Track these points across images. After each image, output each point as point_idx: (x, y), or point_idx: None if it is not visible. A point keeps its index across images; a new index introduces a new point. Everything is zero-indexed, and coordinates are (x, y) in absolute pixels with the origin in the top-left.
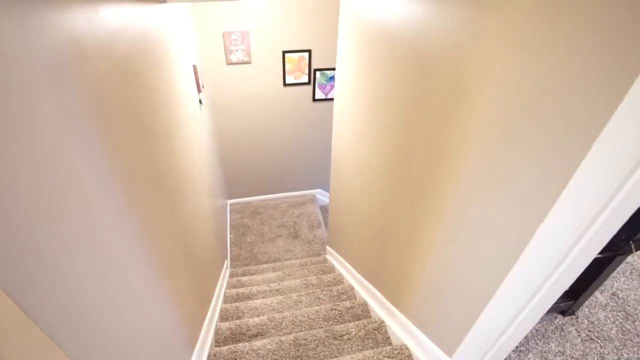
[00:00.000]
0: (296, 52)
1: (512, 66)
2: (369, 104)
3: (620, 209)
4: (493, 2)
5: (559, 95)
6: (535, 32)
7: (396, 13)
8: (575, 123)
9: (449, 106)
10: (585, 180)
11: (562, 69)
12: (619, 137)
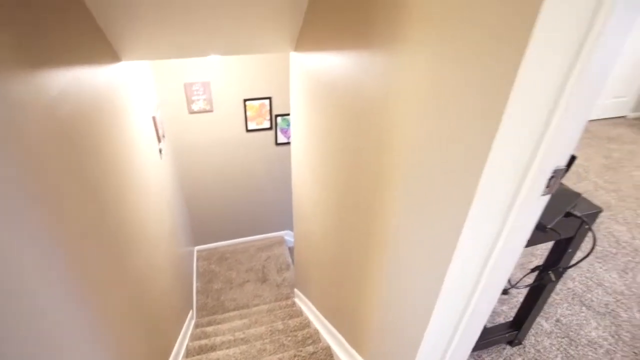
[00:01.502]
0: (257, 100)
1: (421, 108)
2: (319, 147)
3: (503, 255)
4: (403, 57)
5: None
6: (435, 79)
7: (331, 67)
8: (461, 164)
9: (379, 147)
10: (477, 223)
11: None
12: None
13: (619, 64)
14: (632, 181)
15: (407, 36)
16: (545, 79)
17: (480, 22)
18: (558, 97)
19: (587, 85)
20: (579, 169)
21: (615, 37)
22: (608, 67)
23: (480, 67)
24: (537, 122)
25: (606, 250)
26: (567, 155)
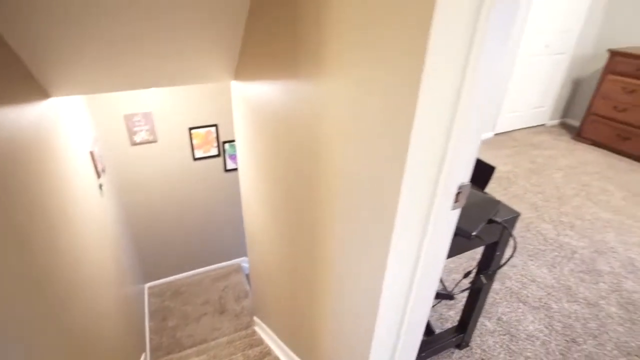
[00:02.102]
0: (203, 128)
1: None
2: (264, 172)
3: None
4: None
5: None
6: (354, 109)
7: (268, 95)
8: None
9: (315, 170)
10: (401, 237)
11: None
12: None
13: (537, 77)
14: (553, 183)
15: (329, 70)
16: (438, 111)
17: (383, 63)
18: (450, 127)
19: (473, 115)
20: (509, 175)
21: (486, 79)
22: (485, 100)
23: (389, 101)
24: (437, 147)
25: (536, 248)
26: (468, 173)
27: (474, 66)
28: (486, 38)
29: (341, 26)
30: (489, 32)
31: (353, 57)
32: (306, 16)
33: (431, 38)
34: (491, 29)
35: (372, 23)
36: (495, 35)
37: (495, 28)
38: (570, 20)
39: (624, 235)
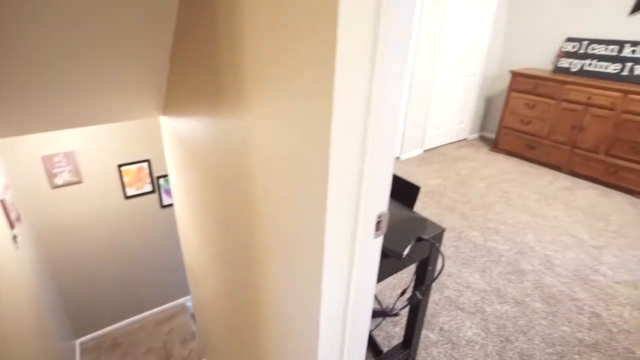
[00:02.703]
0: (133, 164)
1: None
2: (198, 206)
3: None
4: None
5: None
6: (276, 138)
7: (197, 129)
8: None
9: (246, 203)
10: (332, 266)
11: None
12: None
13: (454, 97)
14: (478, 192)
15: (250, 106)
16: (350, 147)
17: (296, 100)
18: (362, 162)
19: (381, 149)
20: (439, 188)
21: (388, 114)
22: (391, 133)
23: (305, 136)
24: (353, 181)
25: (468, 255)
26: (385, 201)
27: (377, 103)
28: (383, 80)
29: (256, 65)
30: (385, 77)
31: (271, 94)
32: (225, 55)
33: (336, 79)
34: (387, 73)
35: (283, 60)
36: (393, 75)
37: (391, 73)
38: (477, 46)
39: (540, 235)
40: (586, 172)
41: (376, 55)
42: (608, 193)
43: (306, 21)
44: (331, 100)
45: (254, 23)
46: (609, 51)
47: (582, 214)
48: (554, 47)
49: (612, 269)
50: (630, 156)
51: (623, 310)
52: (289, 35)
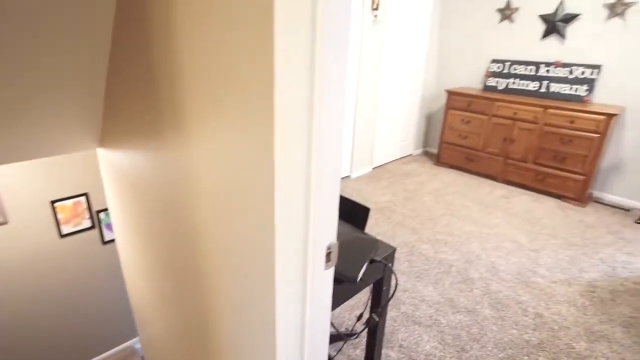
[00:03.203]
0: (69, 199)
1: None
2: (140, 240)
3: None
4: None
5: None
6: (220, 171)
7: (136, 161)
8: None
9: (190, 236)
10: (284, 300)
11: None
12: None
13: (398, 115)
14: (425, 206)
15: (190, 135)
16: (295, 179)
17: (238, 130)
18: (308, 195)
19: (326, 182)
20: (390, 204)
21: (330, 150)
22: (334, 165)
23: (249, 166)
24: (301, 214)
25: (421, 268)
26: (333, 232)
27: (319, 135)
28: (322, 116)
29: (195, 94)
30: (325, 108)
31: (211, 124)
32: (162, 83)
33: (276, 113)
34: (326, 105)
35: (222, 89)
36: (331, 114)
37: (331, 104)
38: (415, 68)
39: (484, 243)
40: (519, 180)
41: (314, 87)
42: (539, 198)
43: (245, 50)
44: (272, 132)
45: (193, 53)
46: (528, 71)
47: (519, 220)
48: (482, 67)
49: (549, 270)
50: (554, 164)
51: (561, 308)
52: (227, 64)
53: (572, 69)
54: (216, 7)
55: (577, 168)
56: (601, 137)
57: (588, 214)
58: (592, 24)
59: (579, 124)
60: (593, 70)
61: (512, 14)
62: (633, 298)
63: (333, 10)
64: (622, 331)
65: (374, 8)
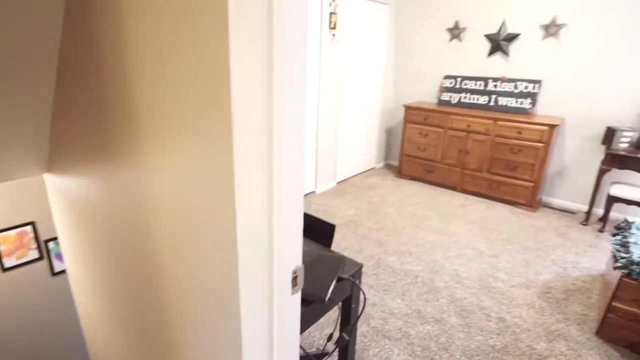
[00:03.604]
0: (13, 229)
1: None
2: (95, 270)
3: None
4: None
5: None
6: (179, 195)
7: (89, 185)
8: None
9: (148, 264)
10: (250, 330)
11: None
12: None
13: (359, 129)
14: (389, 218)
15: (148, 160)
16: (257, 204)
17: (196, 159)
18: (270, 221)
19: (289, 207)
20: (355, 218)
21: (291, 176)
22: (297, 194)
23: (209, 193)
24: (264, 240)
25: (388, 281)
26: (298, 256)
27: (279, 163)
28: (283, 136)
29: (150, 113)
30: (285, 134)
31: (168, 145)
32: (115, 104)
33: (235, 142)
34: (286, 137)
35: (178, 110)
36: (292, 133)
37: (289, 136)
38: (373, 83)
39: (447, 252)
40: (475, 189)
41: (273, 109)
42: (494, 206)
43: (202, 68)
44: (231, 154)
45: (146, 69)
46: (478, 86)
47: (477, 227)
48: (436, 83)
49: (508, 274)
50: (506, 172)
51: (521, 311)
52: (182, 82)
53: (516, 83)
54: (171, 27)
55: (526, 175)
56: (546, 146)
57: (539, 218)
58: (530, 43)
59: (525, 134)
60: (535, 84)
61: (461, 33)
62: (583, 296)
63: (289, 27)
64: (576, 328)
65: (332, 27)
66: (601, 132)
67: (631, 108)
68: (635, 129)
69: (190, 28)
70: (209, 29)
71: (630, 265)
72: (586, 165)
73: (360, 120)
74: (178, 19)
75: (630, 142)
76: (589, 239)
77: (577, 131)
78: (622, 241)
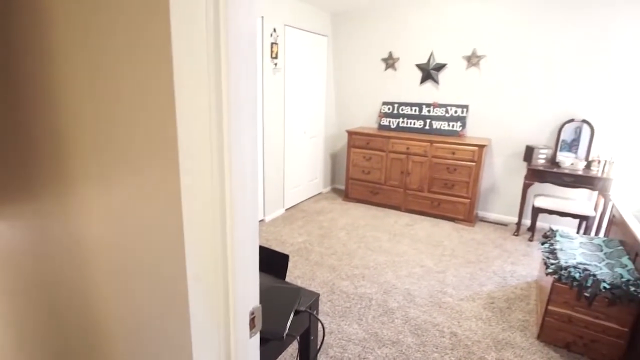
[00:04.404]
0: None
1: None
2: (17, 342)
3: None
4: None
5: None
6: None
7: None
8: None
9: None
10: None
11: None
12: None
13: (305, 156)
14: (340, 242)
15: (81, 198)
16: (207, 241)
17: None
18: (225, 263)
19: (243, 250)
20: (306, 245)
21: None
22: (252, 242)
23: (155, 238)
24: (219, 282)
25: (344, 307)
26: (255, 296)
27: (231, 194)
28: (234, 173)
29: (85, 144)
30: (236, 172)
31: (105, 179)
32: (39, 129)
33: (182, 187)
34: (237, 173)
35: (121, 140)
36: (244, 170)
37: (241, 172)
38: (316, 111)
39: (397, 271)
40: (419, 208)
41: (224, 155)
42: (437, 223)
43: (143, 115)
44: (179, 193)
45: (76, 86)
46: (413, 111)
47: (424, 245)
48: (376, 109)
49: (455, 288)
50: (445, 190)
51: (471, 324)
52: (124, 123)
53: (447, 108)
54: (110, 64)
55: (463, 193)
56: (477, 165)
57: (477, 232)
58: (456, 72)
59: (459, 154)
60: (463, 109)
61: (395, 63)
62: (523, 303)
63: (238, 70)
64: (520, 335)
65: (273, 57)
66: (522, 150)
67: (545, 128)
68: (549, 146)
69: (132, 67)
70: (152, 70)
71: (560, 271)
72: (513, 181)
73: (306, 147)
74: (119, 58)
75: (546, 158)
76: (522, 249)
77: (502, 150)
78: (550, 249)
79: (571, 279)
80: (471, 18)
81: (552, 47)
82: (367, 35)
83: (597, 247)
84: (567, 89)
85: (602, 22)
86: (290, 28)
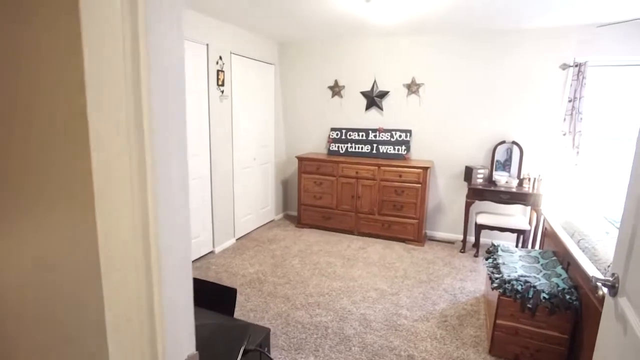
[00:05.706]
0: None
1: None
2: None
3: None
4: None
5: None
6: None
7: None
8: None
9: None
10: None
11: None
12: None
13: (254, 183)
14: (294, 270)
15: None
16: (130, 285)
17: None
18: (151, 305)
19: (171, 286)
20: (259, 275)
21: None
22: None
23: (72, 279)
24: (142, 328)
25: (299, 338)
26: (191, 341)
27: (157, 230)
28: (161, 221)
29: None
30: (163, 209)
31: (30, 224)
32: None
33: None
34: (165, 204)
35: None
36: (172, 246)
37: (170, 205)
38: (265, 138)
39: (352, 297)
40: (370, 231)
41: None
42: (389, 245)
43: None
44: (96, 241)
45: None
46: (360, 136)
47: (377, 268)
48: (324, 134)
49: (409, 310)
50: (394, 212)
51: (426, 344)
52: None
53: (392, 133)
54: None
55: (411, 214)
56: (423, 186)
57: (427, 251)
58: (398, 99)
59: (405, 177)
60: (406, 133)
61: (340, 90)
62: (473, 318)
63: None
64: (473, 351)
65: (220, 84)
66: (462, 170)
67: (481, 149)
68: (486, 166)
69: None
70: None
71: (504, 284)
72: (456, 200)
73: (256, 174)
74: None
75: (484, 177)
76: (469, 265)
77: (445, 171)
78: (494, 263)
79: (514, 291)
80: (409, 49)
81: (483, 78)
82: (313, 63)
83: (534, 259)
84: (498, 114)
85: (523, 58)
86: (236, 56)
